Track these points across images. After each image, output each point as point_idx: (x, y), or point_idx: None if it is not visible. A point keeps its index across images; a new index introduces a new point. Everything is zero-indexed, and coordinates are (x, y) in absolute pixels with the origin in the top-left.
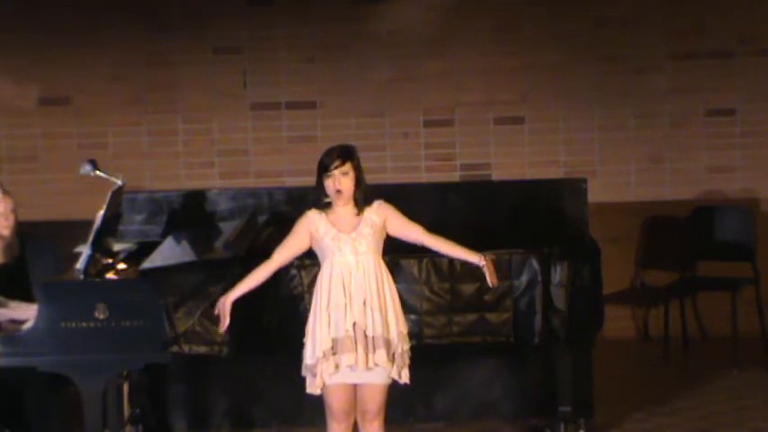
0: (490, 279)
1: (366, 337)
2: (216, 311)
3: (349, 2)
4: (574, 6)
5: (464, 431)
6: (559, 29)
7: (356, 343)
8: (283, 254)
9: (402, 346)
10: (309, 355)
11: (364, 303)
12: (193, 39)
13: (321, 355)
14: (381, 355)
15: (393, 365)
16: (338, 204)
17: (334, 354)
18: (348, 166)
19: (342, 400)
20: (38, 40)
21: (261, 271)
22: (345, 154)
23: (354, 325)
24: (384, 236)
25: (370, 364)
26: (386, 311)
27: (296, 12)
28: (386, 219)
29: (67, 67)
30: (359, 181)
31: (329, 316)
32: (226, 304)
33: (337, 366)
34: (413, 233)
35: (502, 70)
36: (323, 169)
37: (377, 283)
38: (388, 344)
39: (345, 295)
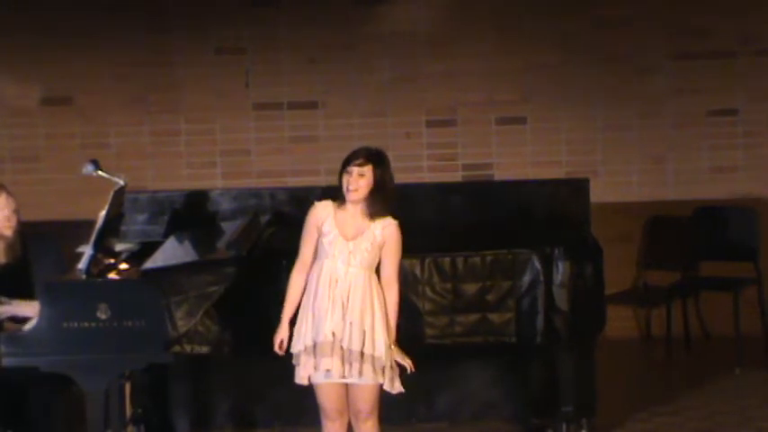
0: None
1: (342, 348)
2: (278, 351)
3: (351, 3)
4: (575, 6)
5: (466, 431)
6: (561, 29)
7: (333, 351)
8: (309, 252)
9: (392, 360)
10: (294, 345)
11: (344, 317)
12: (196, 39)
13: (302, 348)
14: (356, 368)
15: (383, 377)
16: (349, 200)
17: (315, 354)
18: (367, 169)
19: (333, 400)
20: (40, 40)
21: (299, 279)
22: (370, 156)
23: (333, 333)
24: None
25: (347, 374)
26: (372, 329)
27: (298, 12)
28: (385, 242)
29: (70, 67)
30: (378, 187)
31: (313, 316)
32: (283, 339)
33: (316, 368)
34: (383, 271)
35: (504, 71)
36: (344, 164)
37: (362, 300)
38: (372, 359)
39: (329, 300)
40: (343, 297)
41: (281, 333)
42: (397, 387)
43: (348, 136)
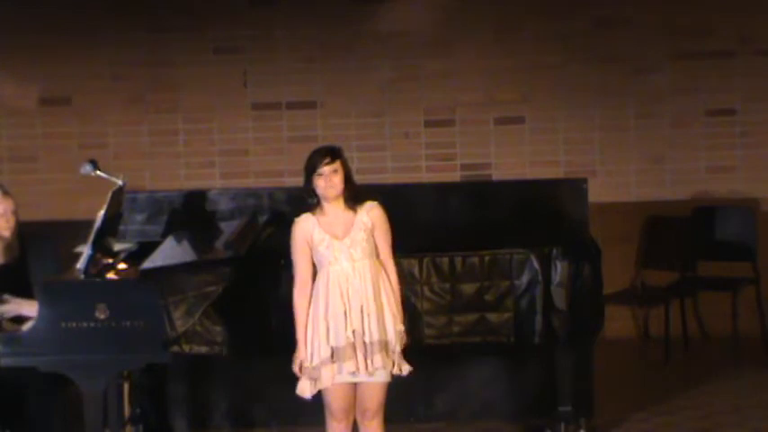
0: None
1: (365, 343)
2: (297, 372)
3: (350, 2)
4: (574, 6)
5: (465, 431)
6: (560, 29)
7: (356, 350)
8: (305, 269)
9: (400, 344)
10: (308, 359)
11: (362, 310)
12: (194, 39)
13: (319, 362)
14: (378, 359)
15: (394, 365)
16: (328, 201)
17: (333, 362)
18: (338, 164)
19: (341, 400)
20: (38, 40)
21: (302, 299)
22: (333, 153)
23: (354, 332)
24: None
25: (370, 369)
26: (383, 313)
27: (297, 12)
28: (374, 225)
29: (68, 67)
30: (348, 179)
31: (327, 324)
32: (301, 362)
33: (339, 372)
34: (379, 254)
35: (502, 70)
36: (312, 169)
37: (373, 288)
38: (386, 346)
39: (344, 303)
40: (360, 293)
41: (301, 355)
42: (405, 370)
43: (346, 136)
